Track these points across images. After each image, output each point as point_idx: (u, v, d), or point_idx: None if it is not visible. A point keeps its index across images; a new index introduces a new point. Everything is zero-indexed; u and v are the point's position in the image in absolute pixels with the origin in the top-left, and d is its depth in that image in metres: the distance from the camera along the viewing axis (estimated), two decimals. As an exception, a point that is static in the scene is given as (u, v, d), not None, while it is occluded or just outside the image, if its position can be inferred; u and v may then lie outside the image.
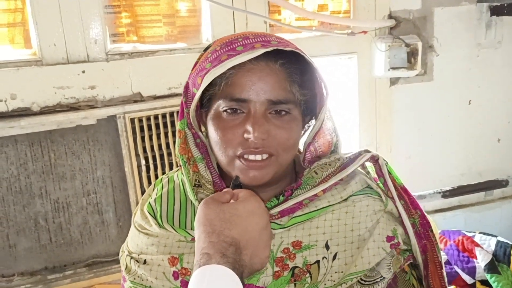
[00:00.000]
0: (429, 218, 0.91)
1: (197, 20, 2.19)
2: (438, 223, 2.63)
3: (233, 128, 0.80)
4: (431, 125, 2.63)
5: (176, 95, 2.09)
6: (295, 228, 0.84)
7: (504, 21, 2.61)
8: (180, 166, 0.89)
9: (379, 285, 0.81)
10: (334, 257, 0.82)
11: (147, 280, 0.86)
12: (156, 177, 2.06)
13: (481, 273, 2.29)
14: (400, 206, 0.87)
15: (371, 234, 0.83)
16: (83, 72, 1.97)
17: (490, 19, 2.58)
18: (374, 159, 0.89)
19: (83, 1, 1.93)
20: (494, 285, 2.23)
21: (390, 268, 0.83)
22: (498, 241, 2.36)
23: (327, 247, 0.83)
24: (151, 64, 2.06)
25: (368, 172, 0.91)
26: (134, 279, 0.88)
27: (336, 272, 0.81)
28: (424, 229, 0.88)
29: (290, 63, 0.80)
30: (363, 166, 0.91)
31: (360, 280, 0.81)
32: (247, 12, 2.13)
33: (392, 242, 0.84)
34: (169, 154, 2.08)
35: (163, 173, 2.06)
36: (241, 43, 0.79)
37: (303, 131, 0.90)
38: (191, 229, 0.86)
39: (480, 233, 2.45)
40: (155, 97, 2.08)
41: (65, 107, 1.96)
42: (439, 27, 2.50)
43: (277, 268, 0.82)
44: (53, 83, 1.94)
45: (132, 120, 2.02)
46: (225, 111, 0.81)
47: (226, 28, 2.13)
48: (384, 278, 0.82)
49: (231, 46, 0.79)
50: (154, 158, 2.07)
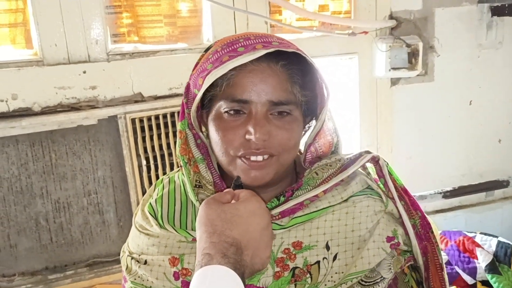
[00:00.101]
0: (430, 219, 0.91)
1: (198, 21, 2.19)
2: (439, 223, 2.63)
3: (234, 129, 0.80)
4: (432, 125, 2.62)
5: (177, 95, 2.09)
6: (296, 229, 0.84)
7: (505, 22, 2.61)
8: (180, 166, 0.89)
9: (379, 286, 0.81)
10: (335, 258, 0.82)
11: (147, 280, 0.86)
12: (157, 177, 2.06)
13: (482, 273, 2.29)
14: (400, 207, 0.87)
15: (371, 234, 0.83)
16: (84, 72, 1.97)
17: (491, 20, 2.58)
18: (375, 160, 0.89)
19: (84, 2, 1.93)
20: (495, 286, 2.23)
21: (390, 269, 0.83)
22: (499, 242, 2.36)
23: (327, 247, 0.83)
24: (152, 64, 2.06)
25: (368, 173, 0.91)
26: (135, 279, 0.88)
27: (336, 273, 0.81)
28: (424, 231, 0.88)
29: (292, 64, 0.80)
30: (363, 167, 0.91)
31: (360, 281, 0.81)
32: (248, 13, 2.13)
33: (392, 242, 0.84)
34: (170, 155, 2.08)
35: (164, 173, 2.06)
36: (242, 44, 0.79)
37: (303, 132, 0.90)
38: (192, 229, 0.86)
39: (481, 233, 2.45)
40: (156, 97, 2.08)
41: (66, 107, 1.97)
42: (440, 27, 2.50)
43: (277, 269, 0.82)
44: (54, 83, 1.94)
45: (133, 120, 2.02)
46: (226, 112, 0.81)
47: (227, 29, 2.14)
48: (384, 278, 0.82)
49: (232, 47, 0.79)
50: (155, 158, 2.07)
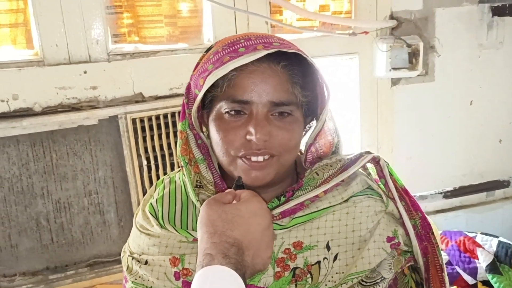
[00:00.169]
0: (430, 220, 0.91)
1: (199, 21, 2.19)
2: (440, 223, 2.63)
3: (235, 129, 0.80)
4: (432, 125, 2.62)
5: (177, 95, 2.09)
6: (296, 229, 0.84)
7: (505, 22, 2.61)
8: (181, 166, 0.89)
9: (379, 286, 0.81)
10: (335, 258, 0.82)
11: (148, 280, 0.86)
12: (158, 177, 2.06)
13: (482, 273, 2.29)
14: (401, 207, 0.87)
15: (372, 234, 0.83)
16: (85, 72, 1.97)
17: (492, 20, 2.58)
18: (375, 161, 0.89)
19: (84, 2, 1.93)
20: (495, 286, 2.23)
21: (391, 269, 0.83)
22: (500, 242, 2.35)
23: (328, 247, 0.83)
24: (152, 64, 2.06)
25: (369, 174, 0.91)
26: (136, 279, 0.88)
27: (337, 273, 0.81)
28: (425, 231, 0.88)
29: (292, 65, 0.80)
30: (364, 167, 0.91)
31: (361, 281, 0.81)
32: (248, 13, 2.13)
33: (392, 242, 0.84)
34: (171, 155, 2.08)
35: (165, 173, 2.06)
36: (243, 45, 0.79)
37: (304, 132, 0.90)
38: (193, 229, 0.86)
39: (481, 233, 2.45)
40: (157, 98, 2.08)
41: (66, 107, 1.97)
42: (440, 27, 2.50)
43: (278, 269, 0.82)
44: (55, 83, 1.94)
45: (134, 121, 2.02)
46: (227, 112, 0.81)
47: (227, 29, 2.14)
48: (384, 278, 0.82)
49: (233, 48, 0.79)
50: (155, 158, 2.07)
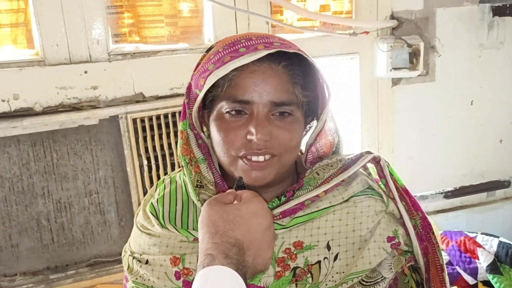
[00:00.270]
0: (430, 220, 0.91)
1: (199, 21, 2.19)
2: (440, 223, 2.63)
3: (235, 129, 0.80)
4: (433, 125, 2.62)
5: (178, 95, 2.09)
6: (297, 229, 0.84)
7: (506, 22, 2.61)
8: (182, 166, 0.89)
9: (380, 285, 0.81)
10: (336, 258, 0.82)
11: (149, 280, 0.86)
12: (158, 177, 2.07)
13: (483, 273, 2.29)
14: (401, 207, 0.87)
15: (372, 234, 0.83)
16: (86, 72, 1.97)
17: (492, 20, 2.58)
18: (376, 161, 0.89)
19: (85, 2, 1.93)
20: (496, 286, 2.23)
21: (391, 268, 0.83)
22: (500, 242, 2.35)
23: (328, 247, 0.83)
24: (153, 64, 2.06)
25: (369, 173, 0.91)
26: (136, 279, 0.88)
27: (337, 273, 0.81)
28: (425, 231, 0.88)
29: (293, 65, 0.80)
30: (364, 167, 0.91)
31: (361, 281, 0.81)
32: (249, 13, 2.13)
33: (393, 242, 0.84)
34: (171, 155, 2.08)
35: (165, 173, 2.06)
36: (244, 45, 0.79)
37: (305, 132, 0.90)
38: (193, 229, 0.86)
39: (482, 233, 2.45)
40: (157, 97, 2.08)
41: (67, 107, 1.97)
42: (441, 27, 2.50)
43: (278, 268, 0.82)
44: (56, 83, 1.94)
45: (134, 120, 2.02)
46: (227, 112, 0.81)
47: (228, 29, 2.14)
48: (385, 278, 0.82)
49: (234, 48, 0.79)
50: (156, 158, 2.07)
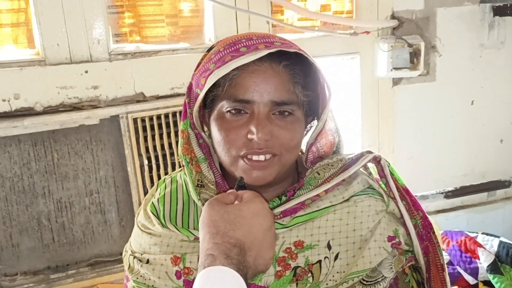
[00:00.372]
0: (431, 219, 0.91)
1: (200, 20, 2.19)
2: (441, 223, 2.63)
3: (236, 128, 0.80)
4: (433, 125, 2.62)
5: (178, 95, 2.09)
6: (297, 228, 0.84)
7: (507, 22, 2.61)
8: (183, 166, 0.89)
9: (380, 285, 0.81)
10: (336, 257, 0.82)
11: (149, 279, 0.86)
12: (159, 177, 2.07)
13: (483, 273, 2.29)
14: (402, 207, 0.87)
15: (373, 234, 0.84)
16: (86, 72, 1.97)
17: (493, 20, 2.57)
18: (376, 160, 0.89)
19: (86, 1, 1.93)
20: (496, 286, 2.23)
21: (391, 268, 0.83)
22: (501, 242, 2.35)
23: (329, 247, 0.83)
24: (154, 64, 2.06)
25: (370, 173, 0.91)
26: (137, 278, 0.88)
27: (338, 272, 0.81)
28: (426, 231, 0.88)
29: (294, 64, 0.80)
30: (365, 167, 0.91)
31: (362, 280, 0.81)
32: (249, 12, 2.13)
33: (393, 241, 0.84)
34: (172, 154, 2.08)
35: (166, 173, 2.06)
36: (245, 44, 0.79)
37: (305, 132, 0.90)
38: (194, 228, 0.86)
39: (482, 233, 2.45)
40: (158, 97, 2.08)
41: (68, 107, 1.97)
42: (441, 27, 2.50)
43: (279, 268, 0.82)
44: (56, 83, 1.94)
45: (135, 120, 2.02)
46: (228, 111, 0.81)
47: (228, 28, 2.14)
48: (385, 277, 0.82)
49: (235, 47, 0.79)
50: (156, 158, 2.07)
